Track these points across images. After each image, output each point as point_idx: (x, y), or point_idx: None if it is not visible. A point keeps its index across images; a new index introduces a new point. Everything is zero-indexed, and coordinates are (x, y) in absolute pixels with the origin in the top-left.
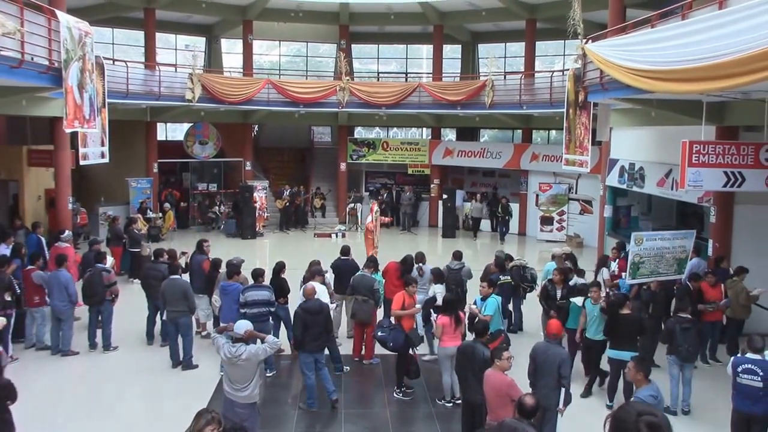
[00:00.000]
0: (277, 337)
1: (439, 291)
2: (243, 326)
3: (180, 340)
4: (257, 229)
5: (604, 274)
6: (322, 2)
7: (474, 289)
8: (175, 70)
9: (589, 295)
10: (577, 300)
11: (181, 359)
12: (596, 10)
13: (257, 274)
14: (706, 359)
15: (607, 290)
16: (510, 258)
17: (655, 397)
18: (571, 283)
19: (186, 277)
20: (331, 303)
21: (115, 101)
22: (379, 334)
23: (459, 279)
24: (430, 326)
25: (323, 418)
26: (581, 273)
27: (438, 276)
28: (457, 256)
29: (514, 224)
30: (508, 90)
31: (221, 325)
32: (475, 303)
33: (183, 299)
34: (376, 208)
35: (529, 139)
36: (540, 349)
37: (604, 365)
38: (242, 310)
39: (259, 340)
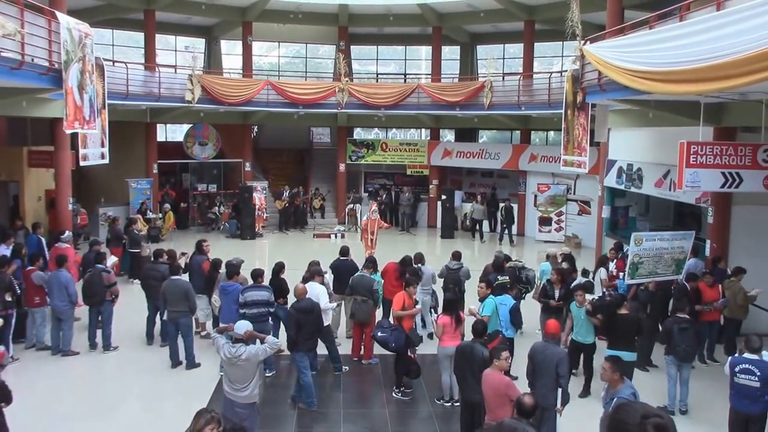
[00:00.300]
0: (277, 338)
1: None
2: (243, 327)
3: (181, 340)
4: (257, 230)
5: (602, 274)
6: (321, 4)
7: (472, 289)
8: (175, 71)
9: (574, 298)
10: None
11: (180, 359)
12: (594, 12)
13: (256, 274)
14: (703, 359)
15: (605, 290)
16: (508, 259)
17: (635, 394)
18: (574, 283)
19: (185, 277)
20: (330, 303)
21: (115, 102)
22: (380, 334)
23: (457, 279)
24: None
25: (322, 418)
26: (586, 273)
27: (415, 275)
28: (456, 256)
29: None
30: (506, 91)
31: (221, 325)
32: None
33: (184, 299)
34: (374, 207)
35: (528, 140)
36: (538, 348)
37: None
38: (242, 311)
39: (258, 341)
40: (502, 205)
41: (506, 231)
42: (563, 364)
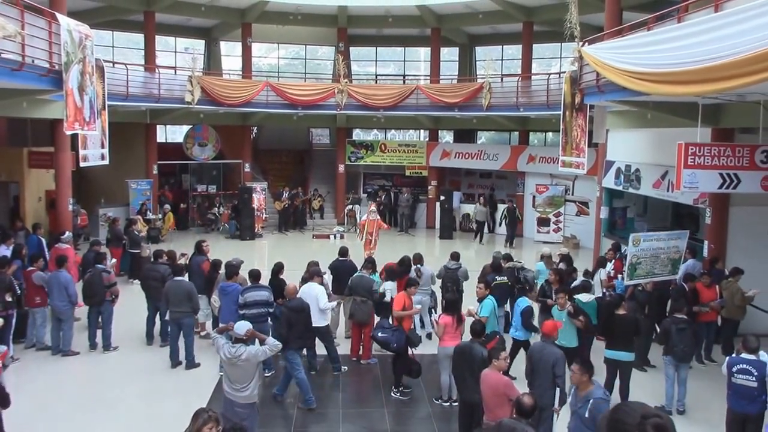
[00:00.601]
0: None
1: (389, 288)
2: (243, 327)
3: (181, 340)
4: (256, 231)
5: (602, 274)
6: (320, 5)
7: (470, 290)
8: (175, 72)
9: (555, 301)
10: (582, 296)
11: (180, 359)
12: (593, 13)
13: (255, 274)
14: (701, 359)
15: (605, 290)
16: (509, 258)
17: (606, 393)
18: (575, 283)
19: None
20: (329, 303)
21: (115, 103)
22: (381, 335)
23: (455, 278)
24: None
25: (321, 418)
26: (588, 274)
27: (390, 273)
28: (455, 256)
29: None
30: (505, 92)
31: (221, 325)
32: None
33: (187, 300)
34: (372, 208)
35: (526, 141)
36: (535, 349)
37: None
38: (241, 312)
39: (258, 341)
40: (504, 206)
41: (510, 232)
42: (559, 365)
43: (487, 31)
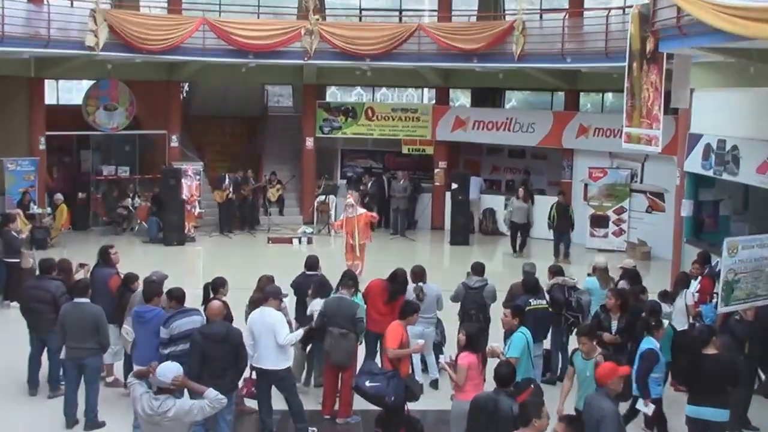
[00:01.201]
0: None
1: (317, 308)
2: (170, 371)
3: (82, 388)
4: (186, 231)
5: (687, 297)
6: None
7: (495, 317)
8: (71, 4)
9: (578, 346)
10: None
11: (77, 417)
12: None
13: (177, 295)
14: None
15: (691, 320)
16: (559, 272)
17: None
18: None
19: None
20: (292, 334)
21: None
22: (369, 384)
23: (480, 301)
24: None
25: None
26: (665, 296)
27: (320, 287)
28: (478, 270)
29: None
30: (545, 35)
31: (136, 367)
32: None
33: (92, 332)
34: (350, 200)
35: (576, 105)
36: (586, 401)
37: None
38: (165, 351)
39: (187, 392)
40: (554, 201)
41: (561, 238)
42: (606, 424)
43: None
